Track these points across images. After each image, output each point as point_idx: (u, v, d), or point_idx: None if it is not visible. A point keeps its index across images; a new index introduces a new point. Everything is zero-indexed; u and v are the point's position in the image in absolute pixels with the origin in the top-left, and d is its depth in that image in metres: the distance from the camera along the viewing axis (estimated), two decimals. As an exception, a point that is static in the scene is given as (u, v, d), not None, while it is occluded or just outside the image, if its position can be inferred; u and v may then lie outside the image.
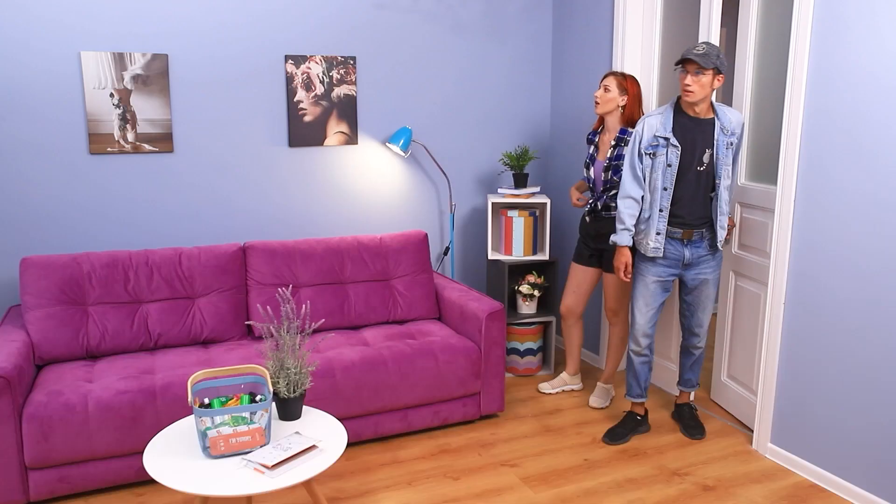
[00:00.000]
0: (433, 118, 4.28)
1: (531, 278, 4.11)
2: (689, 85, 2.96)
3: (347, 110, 4.02)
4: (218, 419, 2.20)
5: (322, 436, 2.38)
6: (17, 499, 2.72)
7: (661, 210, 3.08)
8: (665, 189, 3.06)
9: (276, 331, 2.56)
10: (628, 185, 3.13)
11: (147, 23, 3.56)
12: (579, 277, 3.71)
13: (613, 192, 3.45)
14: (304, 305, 3.50)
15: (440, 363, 3.31)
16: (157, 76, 3.60)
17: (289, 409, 2.47)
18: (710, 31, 3.45)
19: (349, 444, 3.31)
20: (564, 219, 4.53)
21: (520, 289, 4.09)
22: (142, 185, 3.69)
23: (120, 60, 3.52)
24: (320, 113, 3.96)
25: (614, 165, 3.40)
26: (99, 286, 3.25)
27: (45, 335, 3.10)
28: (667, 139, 3.03)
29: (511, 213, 4.07)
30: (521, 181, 4.12)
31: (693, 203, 3.09)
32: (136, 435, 2.82)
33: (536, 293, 4.09)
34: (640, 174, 3.11)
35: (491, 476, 3.04)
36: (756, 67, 3.32)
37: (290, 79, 3.86)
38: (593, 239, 3.60)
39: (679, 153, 3.03)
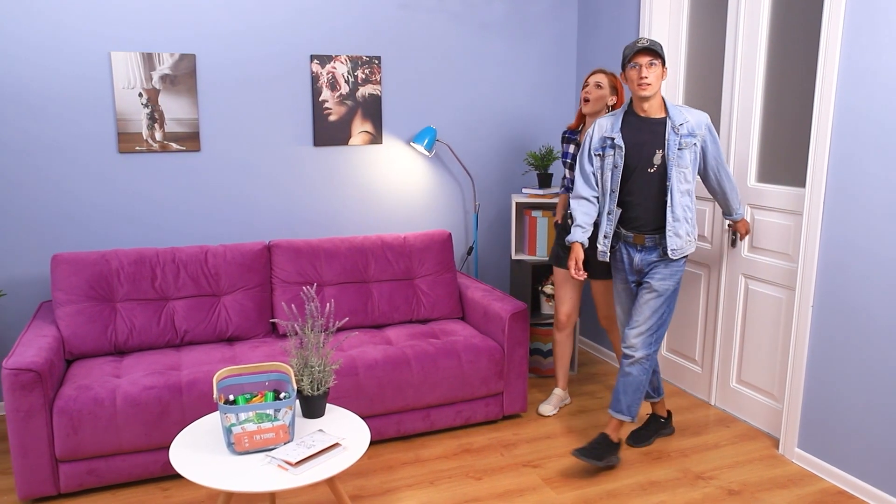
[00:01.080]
0: (457, 118, 4.28)
1: (555, 279, 4.09)
2: (645, 77, 2.81)
3: (372, 110, 4.04)
4: (242, 416, 2.22)
5: (345, 434, 2.39)
6: (49, 490, 2.77)
7: (608, 213, 3.01)
8: (612, 192, 2.98)
9: (301, 329, 2.58)
10: (579, 186, 3.07)
11: (175, 23, 3.61)
12: (572, 282, 3.56)
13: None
14: (328, 304, 3.52)
15: (463, 363, 3.31)
16: (184, 76, 3.64)
17: (312, 407, 2.49)
18: (738, 30, 3.41)
19: (372, 443, 3.32)
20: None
21: (543, 289, 4.07)
22: (169, 184, 3.73)
23: (149, 60, 3.57)
24: (345, 112, 3.98)
25: None
26: (127, 283, 3.30)
27: (74, 331, 3.16)
28: (613, 139, 2.95)
29: (535, 213, 4.06)
30: (545, 181, 4.11)
31: (645, 206, 2.95)
32: (163, 430, 2.86)
33: (560, 294, 4.07)
34: (590, 176, 3.04)
35: (513, 476, 3.03)
36: (767, 67, 3.28)
37: (315, 78, 3.89)
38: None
39: (623, 154, 2.92)
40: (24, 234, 3.53)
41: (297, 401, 2.55)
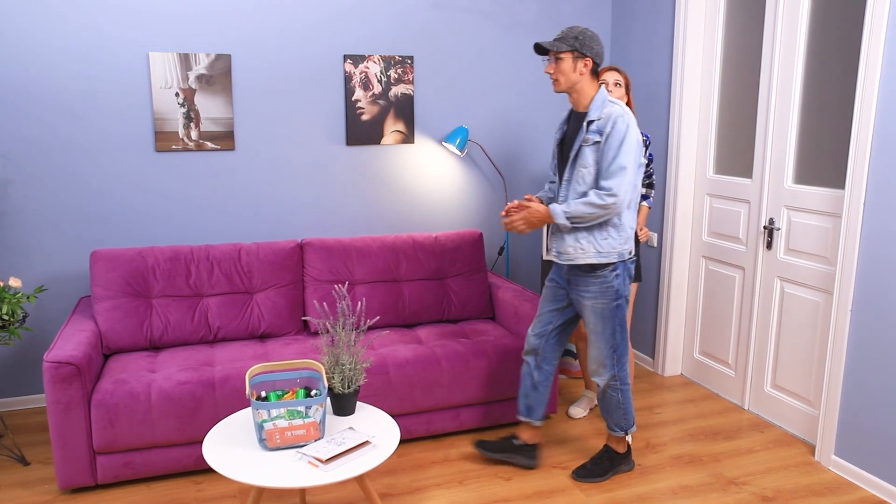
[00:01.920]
0: (490, 118, 4.27)
1: (586, 279, 4.06)
2: (550, 73, 2.71)
3: (404, 109, 4.05)
4: (274, 412, 2.24)
5: (375, 432, 2.41)
6: (86, 481, 2.83)
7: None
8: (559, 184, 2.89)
9: (332, 327, 2.60)
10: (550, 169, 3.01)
11: (211, 24, 3.66)
12: None
13: None
14: (359, 302, 3.54)
15: (493, 363, 3.30)
16: (220, 76, 3.69)
17: (343, 405, 2.51)
18: (776, 28, 3.35)
19: (401, 441, 3.33)
20: (621, 220, 4.47)
21: (574, 290, 4.05)
22: (204, 182, 3.79)
23: (185, 61, 3.63)
24: (378, 112, 4.00)
25: None
26: (162, 279, 3.36)
27: (112, 326, 3.22)
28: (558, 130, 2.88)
29: (567, 213, 4.03)
30: (577, 181, 4.08)
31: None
32: (196, 425, 2.90)
33: (591, 295, 4.04)
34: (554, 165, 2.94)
35: (543, 478, 3.02)
36: (806, 66, 3.21)
37: (348, 78, 3.91)
38: None
39: (556, 145, 2.86)
40: (64, 231, 3.61)
41: (328, 398, 2.57)
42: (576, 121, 2.78)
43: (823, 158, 3.22)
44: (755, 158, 3.54)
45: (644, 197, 3.42)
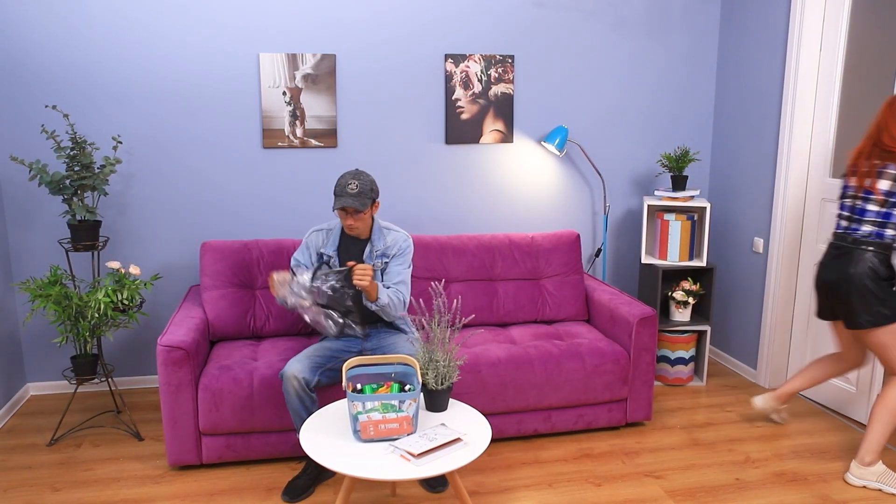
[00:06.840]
0: (590, 117, 4.20)
1: (686, 285, 3.94)
2: (351, 225, 2.89)
3: (504, 108, 4.05)
4: (369, 405, 2.29)
5: (467, 429, 2.42)
6: (192, 460, 2.99)
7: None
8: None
9: (428, 323, 2.63)
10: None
11: (318, 25, 3.78)
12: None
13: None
14: (454, 300, 3.57)
15: (587, 366, 3.25)
16: (325, 75, 3.80)
17: (436, 401, 2.53)
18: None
19: (492, 440, 3.34)
20: (726, 223, 4.30)
21: (673, 295, 3.93)
22: (307, 178, 3.91)
23: (293, 61, 3.76)
24: (477, 111, 4.01)
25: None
26: (266, 271, 3.49)
27: (218, 314, 3.38)
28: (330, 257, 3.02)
29: (668, 216, 3.92)
30: (679, 184, 3.96)
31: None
32: (294, 412, 3.00)
33: (691, 300, 3.91)
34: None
35: (634, 486, 2.95)
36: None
37: (448, 77, 3.94)
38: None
39: (324, 256, 3.04)
40: (178, 222, 3.82)
41: (421, 394, 2.60)
42: (351, 243, 3.02)
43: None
44: (876, 162, 3.32)
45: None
